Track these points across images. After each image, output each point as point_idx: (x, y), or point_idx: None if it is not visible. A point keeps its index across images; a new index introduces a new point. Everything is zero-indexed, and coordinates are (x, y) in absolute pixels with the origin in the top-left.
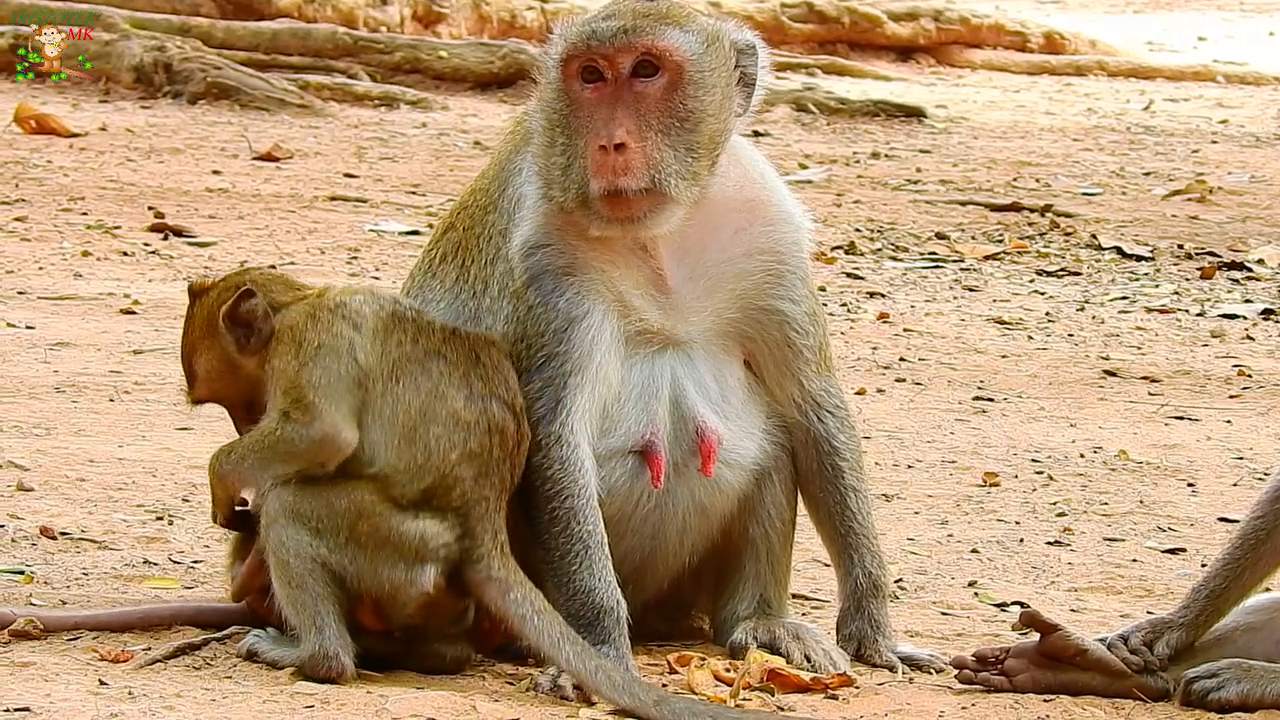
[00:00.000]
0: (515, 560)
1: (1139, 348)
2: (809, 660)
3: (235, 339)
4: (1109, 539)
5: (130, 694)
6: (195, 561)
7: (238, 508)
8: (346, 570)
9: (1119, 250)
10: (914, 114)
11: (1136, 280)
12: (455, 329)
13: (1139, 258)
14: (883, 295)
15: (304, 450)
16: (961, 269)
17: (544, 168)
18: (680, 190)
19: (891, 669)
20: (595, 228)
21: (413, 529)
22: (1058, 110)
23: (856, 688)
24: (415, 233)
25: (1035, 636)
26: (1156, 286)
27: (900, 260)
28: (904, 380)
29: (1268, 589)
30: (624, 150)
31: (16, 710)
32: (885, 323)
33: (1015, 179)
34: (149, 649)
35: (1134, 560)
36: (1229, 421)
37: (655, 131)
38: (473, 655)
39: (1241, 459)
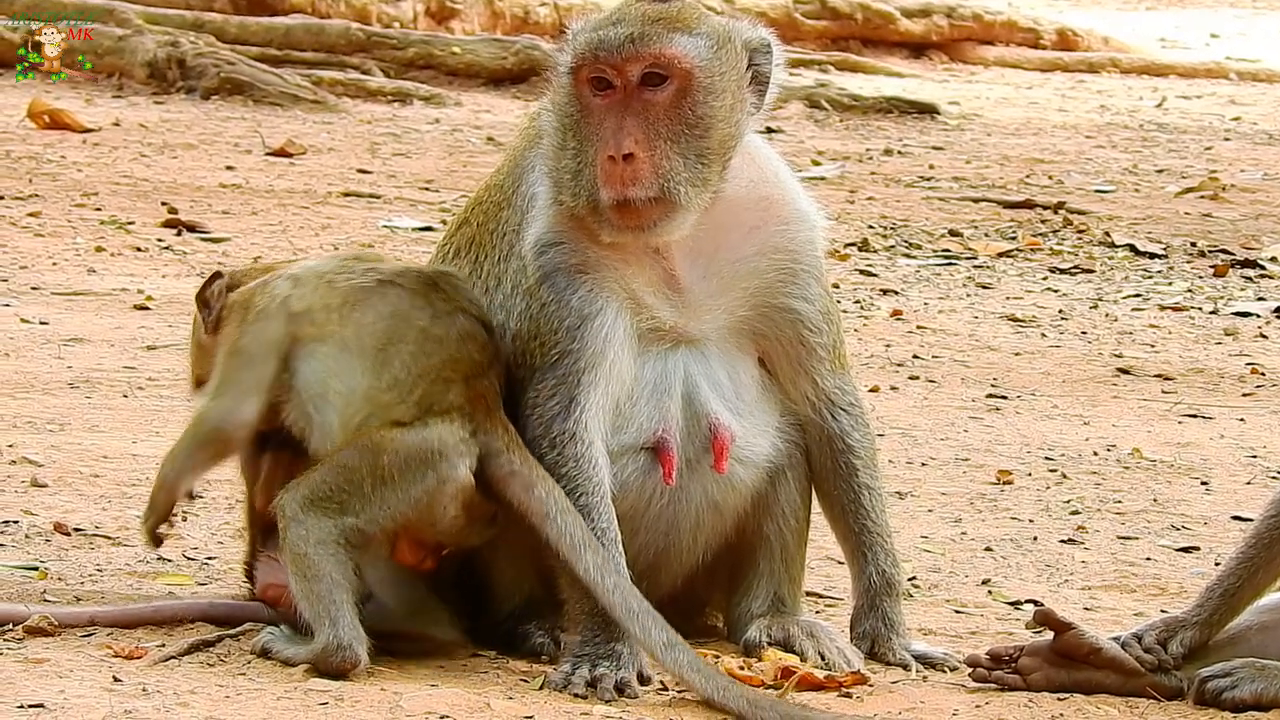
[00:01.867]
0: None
1: (1152, 346)
2: (823, 658)
3: (201, 318)
4: (1123, 537)
5: (144, 690)
6: (209, 558)
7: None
8: (380, 521)
9: (1132, 248)
10: (927, 111)
11: (1150, 278)
12: (408, 266)
13: (1152, 255)
14: (896, 292)
15: (210, 427)
16: (975, 266)
17: (553, 170)
18: (690, 197)
19: (905, 667)
20: (606, 234)
21: (430, 435)
22: (1070, 107)
23: (870, 686)
24: (429, 229)
25: (1049, 635)
26: (1170, 284)
27: (913, 257)
28: (917, 377)
29: None
30: (632, 160)
31: (31, 706)
32: (898, 320)
33: (1028, 176)
34: (163, 646)
35: (1148, 558)
36: (1242, 420)
37: (664, 140)
38: (464, 638)
39: (1255, 457)
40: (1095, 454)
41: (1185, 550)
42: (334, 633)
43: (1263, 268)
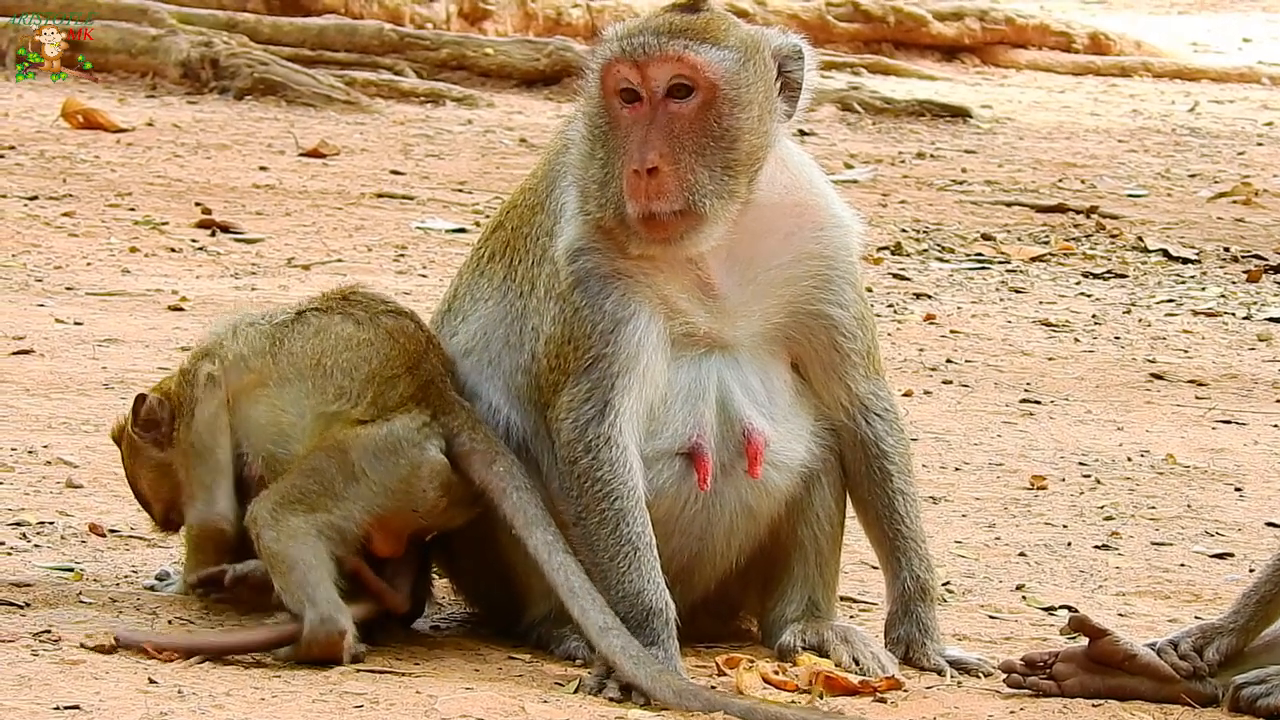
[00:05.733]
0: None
1: (1185, 351)
2: (857, 663)
3: (153, 441)
4: (1157, 543)
5: (180, 692)
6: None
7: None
8: (355, 517)
9: (1165, 253)
10: (959, 114)
11: (1183, 283)
12: (321, 293)
13: (1185, 260)
14: (929, 296)
15: (198, 529)
16: (1008, 270)
17: (580, 179)
18: (716, 209)
19: (939, 672)
20: (634, 246)
21: (394, 428)
22: (1103, 111)
23: (905, 691)
24: (462, 230)
25: (1084, 641)
26: (1203, 289)
27: (946, 261)
28: (951, 382)
29: None
30: (657, 174)
31: (67, 708)
32: (932, 324)
33: (1060, 180)
34: None
35: (1182, 564)
36: (1276, 425)
37: (689, 153)
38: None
39: None
40: (1129, 459)
41: (1219, 556)
42: (314, 611)
43: None
